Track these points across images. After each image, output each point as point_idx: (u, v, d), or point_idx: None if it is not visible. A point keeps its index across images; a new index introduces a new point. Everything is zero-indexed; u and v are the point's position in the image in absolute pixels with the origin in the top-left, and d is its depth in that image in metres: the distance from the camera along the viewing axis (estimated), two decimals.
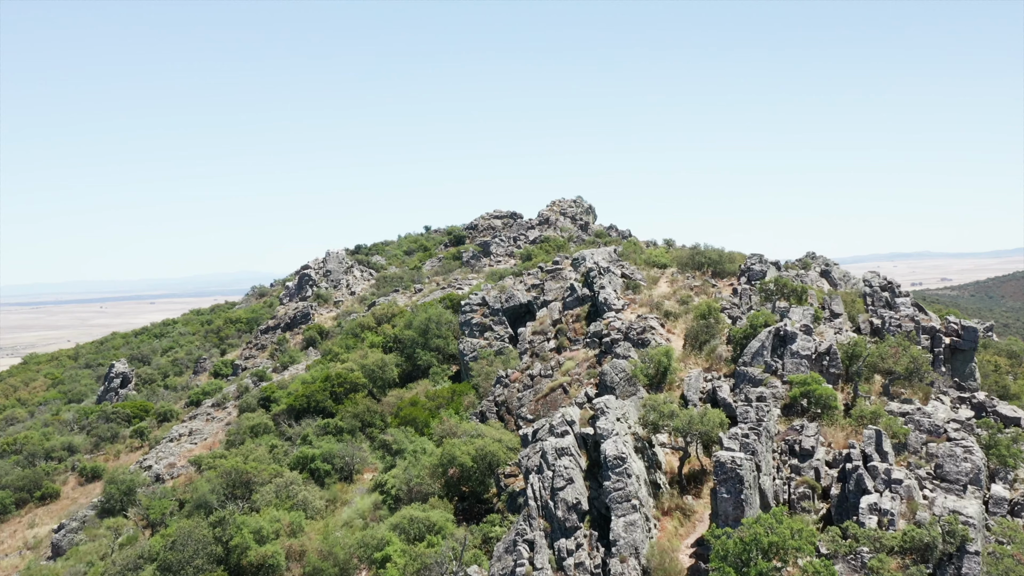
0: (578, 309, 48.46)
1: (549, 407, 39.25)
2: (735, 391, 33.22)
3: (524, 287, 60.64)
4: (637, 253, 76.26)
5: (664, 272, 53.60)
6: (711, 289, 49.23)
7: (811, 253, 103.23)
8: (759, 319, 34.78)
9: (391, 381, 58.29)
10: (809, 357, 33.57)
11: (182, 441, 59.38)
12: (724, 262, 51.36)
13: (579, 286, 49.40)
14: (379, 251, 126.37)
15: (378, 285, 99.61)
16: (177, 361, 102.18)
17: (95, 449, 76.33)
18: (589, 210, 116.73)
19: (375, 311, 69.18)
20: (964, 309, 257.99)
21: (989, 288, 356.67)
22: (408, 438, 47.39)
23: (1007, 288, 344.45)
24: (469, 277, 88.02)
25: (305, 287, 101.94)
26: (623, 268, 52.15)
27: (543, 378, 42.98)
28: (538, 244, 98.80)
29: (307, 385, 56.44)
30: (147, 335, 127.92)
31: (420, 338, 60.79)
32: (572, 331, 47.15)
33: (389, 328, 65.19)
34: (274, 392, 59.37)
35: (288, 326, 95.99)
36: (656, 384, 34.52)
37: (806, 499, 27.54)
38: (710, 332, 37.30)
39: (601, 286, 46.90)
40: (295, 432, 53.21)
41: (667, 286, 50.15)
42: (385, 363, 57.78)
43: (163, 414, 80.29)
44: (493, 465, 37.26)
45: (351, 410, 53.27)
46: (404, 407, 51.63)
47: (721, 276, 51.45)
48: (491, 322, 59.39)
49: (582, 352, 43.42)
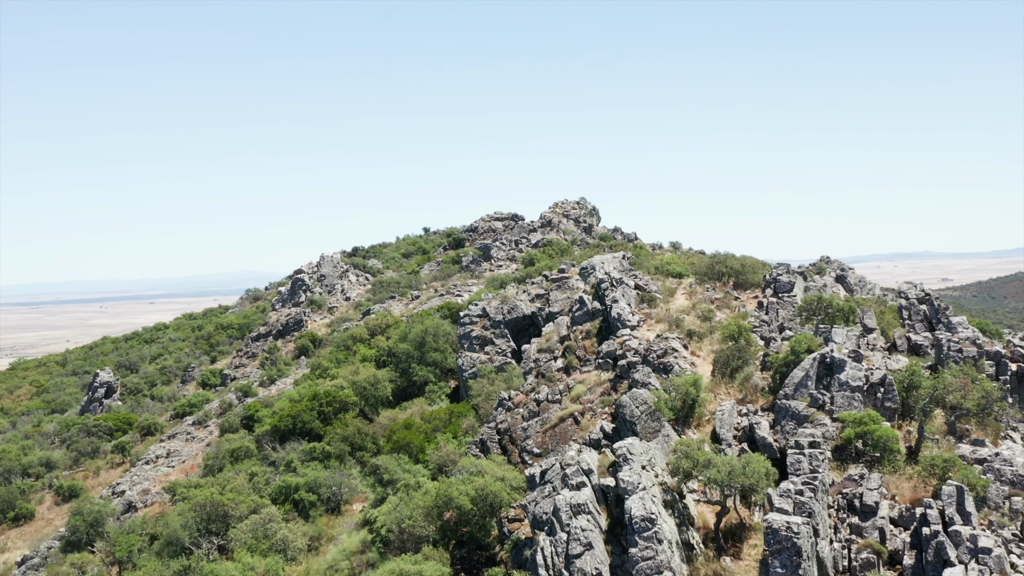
0: (588, 325, 43.62)
1: (558, 439, 34.43)
2: (776, 428, 28.40)
3: (528, 297, 55.80)
4: (646, 259, 71.46)
5: (680, 283, 48.78)
6: (734, 302, 44.41)
7: (825, 257, 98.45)
8: (802, 344, 29.92)
9: (384, 399, 53.47)
10: (861, 388, 28.74)
11: (159, 464, 54.59)
12: (747, 272, 46.53)
13: (589, 299, 44.56)
14: (376, 254, 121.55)
15: (374, 290, 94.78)
16: (165, 369, 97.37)
17: (74, 465, 71.72)
18: (593, 212, 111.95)
19: (368, 322, 64.32)
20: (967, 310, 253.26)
21: (991, 288, 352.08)
22: (401, 467, 42.58)
23: (1009, 289, 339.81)
24: (469, 283, 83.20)
25: (298, 292, 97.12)
26: (636, 278, 47.30)
27: (551, 404, 38.15)
28: (541, 248, 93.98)
29: (293, 404, 51.61)
30: (137, 340, 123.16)
31: (416, 352, 55.96)
32: (582, 349, 42.32)
33: (383, 340, 60.35)
34: (258, 411, 54.54)
35: (280, 333, 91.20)
36: (683, 418, 29.71)
37: (871, 567, 22.72)
38: (742, 357, 32.44)
39: (614, 300, 42.07)
40: (279, 457, 48.41)
41: (685, 299, 45.33)
42: (378, 380, 52.93)
43: (146, 427, 75.65)
44: (495, 507, 32.49)
45: (340, 432, 48.44)
46: (397, 430, 46.81)
47: (744, 288, 46.62)
48: (492, 335, 54.56)
49: (594, 374, 38.59)
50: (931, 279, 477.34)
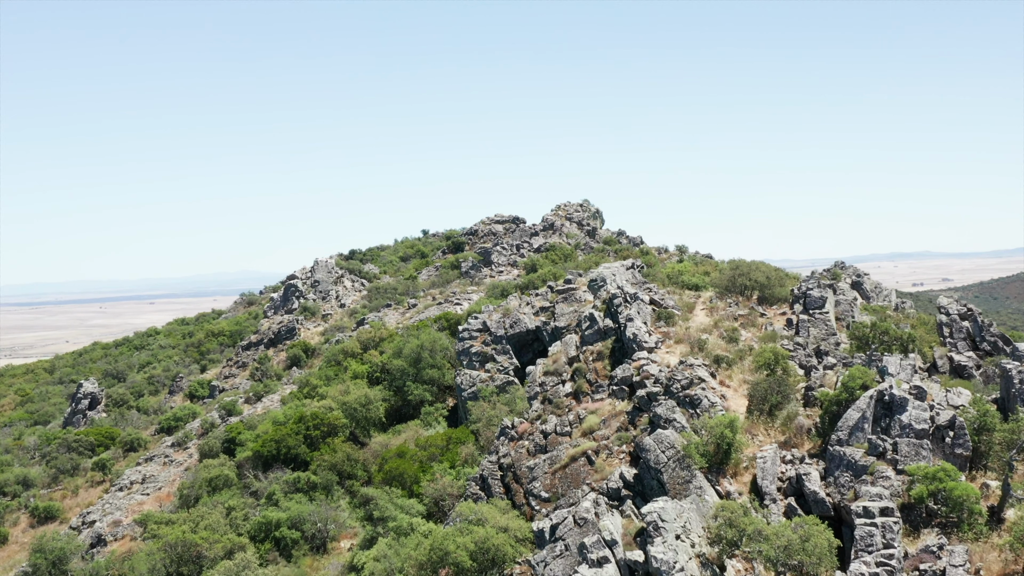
0: (599, 345, 39.12)
1: (570, 483, 29.97)
2: (828, 481, 23.94)
3: (531, 310, 51.31)
4: (657, 267, 66.93)
5: (699, 297, 44.30)
6: (760, 319, 39.93)
7: (840, 263, 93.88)
8: (855, 379, 25.43)
9: (376, 421, 49.00)
10: (926, 433, 24.29)
11: (133, 490, 50.11)
12: (773, 285, 42.02)
13: (600, 316, 40.05)
14: (374, 257, 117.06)
15: (370, 297, 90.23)
16: (153, 379, 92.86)
17: (53, 483, 67.39)
18: (596, 214, 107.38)
19: (360, 334, 59.75)
20: None
21: (993, 289, 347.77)
22: (393, 502, 38.17)
23: (1011, 289, 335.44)
24: (468, 291, 78.70)
25: (291, 299, 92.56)
26: (651, 292, 42.78)
27: (559, 437, 33.69)
28: (543, 253, 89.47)
29: (277, 428, 47.10)
30: (128, 346, 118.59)
31: (411, 369, 51.44)
32: (593, 372, 37.82)
33: (376, 355, 55.85)
34: (240, 433, 50.03)
35: (272, 342, 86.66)
36: (717, 465, 25.26)
37: None
38: (782, 391, 27.96)
39: (628, 318, 37.57)
40: (261, 487, 43.95)
41: (705, 315, 40.84)
42: (369, 400, 48.41)
43: (129, 443, 71.35)
44: (497, 562, 28.10)
45: (328, 459, 43.99)
46: (390, 458, 42.35)
47: (769, 302, 42.12)
48: (493, 351, 50.08)
49: (608, 403, 34.13)
50: (931, 279, 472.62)
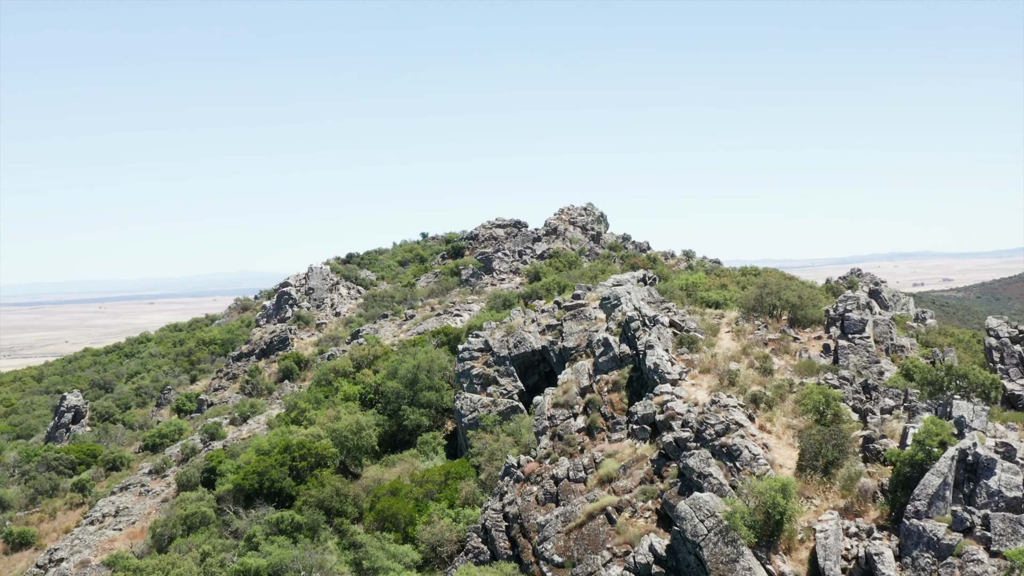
0: (615, 374, 34.79)
1: (587, 545, 25.64)
2: (905, 562, 19.63)
3: (537, 328, 46.97)
4: (669, 276, 62.57)
5: (722, 316, 39.95)
6: (793, 344, 35.59)
7: (856, 270, 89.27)
8: (931, 436, 21.10)
9: (369, 449, 44.68)
10: (1021, 502, 20.01)
11: (105, 523, 45.79)
12: (806, 306, 37.65)
13: (615, 341, 35.72)
14: (372, 261, 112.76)
15: (366, 305, 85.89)
16: (141, 390, 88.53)
17: (31, 504, 63.16)
18: (600, 218, 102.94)
19: (353, 352, 55.37)
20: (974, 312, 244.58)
21: (995, 289, 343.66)
22: (385, 550, 33.92)
23: (1013, 289, 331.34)
24: (468, 300, 74.37)
25: (284, 307, 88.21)
26: (670, 313, 38.42)
27: (573, 484, 29.39)
28: (546, 260, 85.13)
29: (261, 458, 42.75)
30: (118, 354, 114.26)
31: (407, 391, 47.12)
32: (608, 405, 33.50)
33: (370, 374, 51.50)
34: (221, 462, 45.69)
35: (264, 352, 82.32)
36: (767, 539, 20.96)
37: None
38: (840, 445, 23.61)
39: (648, 345, 33.22)
40: (241, 525, 39.62)
41: (731, 339, 36.49)
42: (361, 427, 44.05)
43: (112, 461, 67.06)
44: None
45: (315, 494, 39.66)
46: (382, 496, 38.04)
47: (801, 324, 37.77)
48: (496, 373, 45.77)
49: (627, 445, 29.82)
50: (932, 279, 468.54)
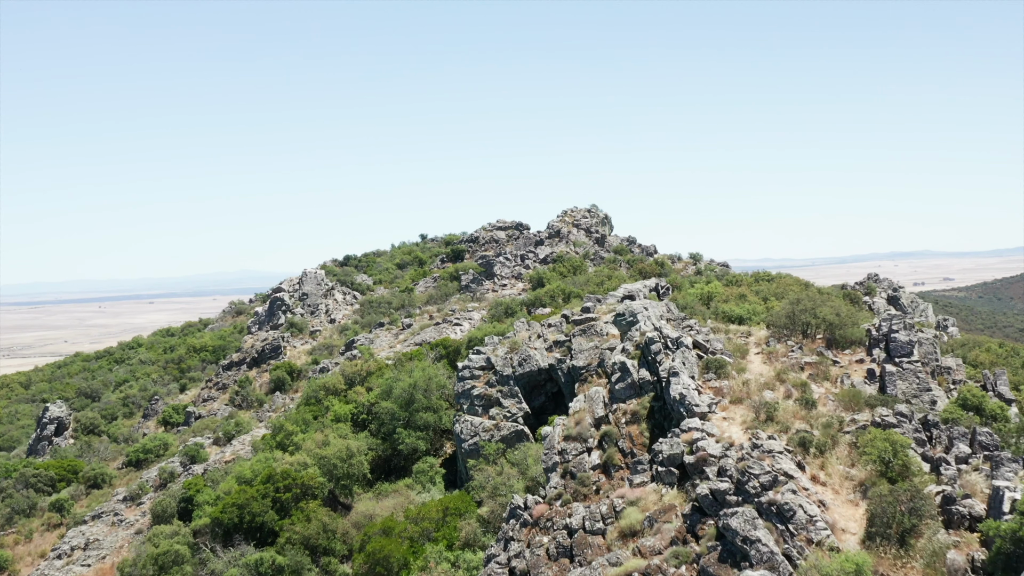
0: (634, 403, 30.68)
1: None
2: None
3: (544, 344, 42.88)
4: (684, 288, 58.46)
5: (749, 334, 35.81)
6: (833, 369, 31.48)
7: (873, 275, 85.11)
8: None
9: (360, 477, 40.61)
10: None
11: (74, 558, 41.73)
12: (845, 324, 33.49)
13: (633, 365, 31.60)
14: (370, 263, 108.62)
15: (363, 311, 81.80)
16: (128, 399, 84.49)
17: (7, 524, 59.22)
18: (605, 220, 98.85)
19: (345, 368, 51.17)
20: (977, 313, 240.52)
21: (997, 289, 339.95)
22: None
23: (1015, 289, 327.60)
24: (469, 308, 70.25)
25: (277, 313, 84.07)
26: (692, 331, 34.29)
27: (590, 536, 25.30)
28: (550, 264, 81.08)
29: (242, 490, 38.66)
30: (108, 359, 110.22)
31: (402, 413, 43.06)
32: (627, 439, 29.41)
33: (363, 392, 47.42)
34: (200, 491, 41.63)
35: (255, 361, 78.28)
36: None
37: None
38: (917, 509, 19.51)
39: (672, 372, 29.11)
40: (219, 567, 35.54)
41: (763, 362, 32.37)
42: (352, 453, 39.97)
43: (93, 478, 63.09)
44: None
45: (300, 531, 35.61)
46: (372, 535, 33.97)
47: (840, 345, 33.63)
48: (499, 394, 41.67)
49: (652, 490, 25.72)
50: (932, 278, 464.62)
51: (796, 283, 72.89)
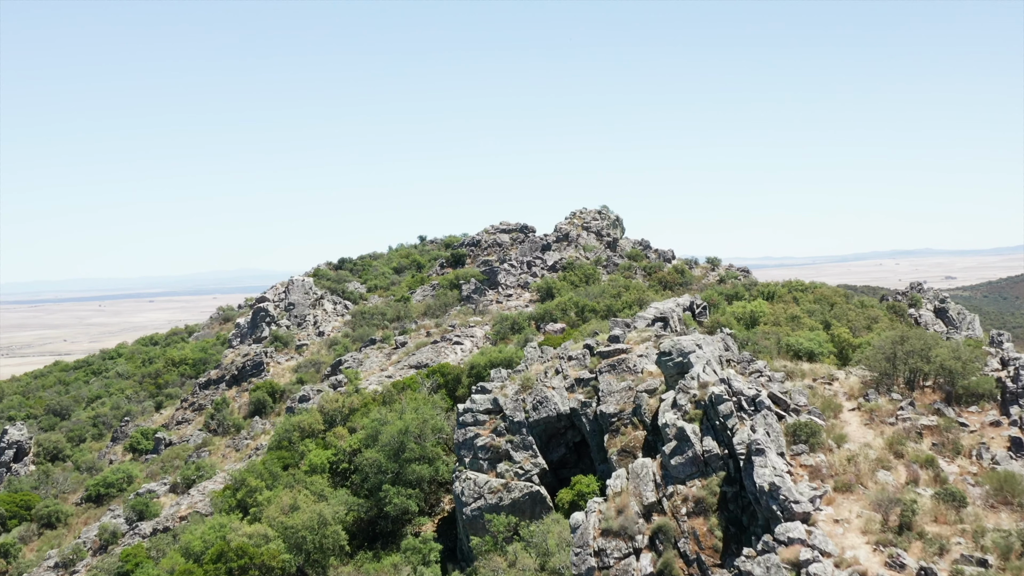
0: (698, 484, 22.23)
1: None
2: None
3: (564, 382, 34.34)
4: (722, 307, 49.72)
5: (832, 379, 27.32)
6: (963, 436, 23.04)
7: (917, 284, 76.79)
8: None
9: (337, 549, 32.13)
10: None
11: None
12: (969, 372, 25.06)
13: (694, 432, 23.13)
14: (365, 267, 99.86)
15: (354, 324, 73.26)
16: (99, 419, 76.04)
17: None
18: (616, 222, 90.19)
19: (325, 403, 42.47)
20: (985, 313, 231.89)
21: (1002, 288, 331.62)
22: None
23: (1020, 288, 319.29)
24: (470, 323, 61.69)
25: (260, 325, 75.52)
26: (763, 379, 25.78)
27: None
28: (559, 272, 72.56)
29: (188, 570, 30.19)
30: (85, 370, 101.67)
31: (390, 465, 34.56)
32: (691, 539, 20.99)
33: (344, 434, 38.92)
34: (140, 564, 33.16)
35: (235, 379, 69.82)
36: None
37: None
38: None
39: (754, 449, 20.65)
40: None
41: (862, 422, 23.92)
42: (325, 522, 31.47)
43: (47, 516, 54.87)
44: None
45: None
46: None
47: (962, 400, 25.19)
48: (509, 445, 33.14)
49: None
50: (934, 277, 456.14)
51: (835, 293, 64.52)
